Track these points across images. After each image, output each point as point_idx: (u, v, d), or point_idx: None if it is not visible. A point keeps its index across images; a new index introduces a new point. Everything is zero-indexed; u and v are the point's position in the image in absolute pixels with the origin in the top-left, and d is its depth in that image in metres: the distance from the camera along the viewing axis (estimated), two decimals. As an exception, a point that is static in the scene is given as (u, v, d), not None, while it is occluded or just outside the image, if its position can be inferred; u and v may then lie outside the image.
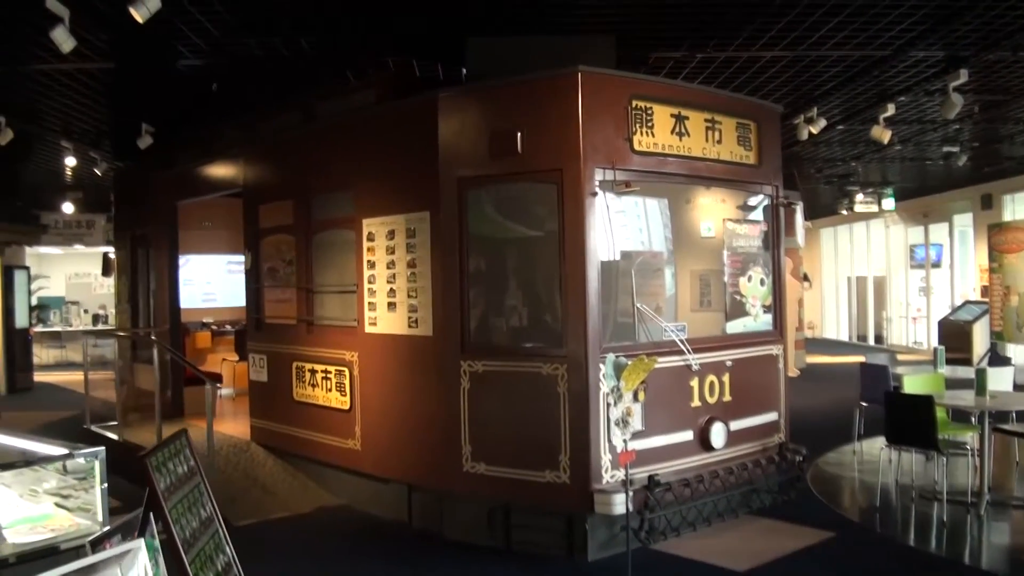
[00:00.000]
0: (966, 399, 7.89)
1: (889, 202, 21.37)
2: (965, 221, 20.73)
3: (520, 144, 6.69)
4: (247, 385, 10.12)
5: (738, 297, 7.91)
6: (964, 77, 9.52)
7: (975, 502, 7.58)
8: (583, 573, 6.39)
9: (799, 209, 8.62)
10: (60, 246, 22.58)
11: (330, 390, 8.48)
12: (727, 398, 7.33)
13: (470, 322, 7.09)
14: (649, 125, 6.89)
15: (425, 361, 7.38)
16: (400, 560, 6.91)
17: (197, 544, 3.55)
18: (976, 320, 16.95)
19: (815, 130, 11.61)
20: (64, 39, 7.09)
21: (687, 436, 7.01)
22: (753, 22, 8.55)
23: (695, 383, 7.09)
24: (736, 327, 7.84)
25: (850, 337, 26.42)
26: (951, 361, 10.59)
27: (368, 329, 7.98)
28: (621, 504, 6.13)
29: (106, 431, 11.09)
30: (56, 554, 3.20)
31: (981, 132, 14.49)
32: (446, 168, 7.11)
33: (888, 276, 24.53)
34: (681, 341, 6.99)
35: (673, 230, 8.07)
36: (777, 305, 8.14)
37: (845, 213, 22.73)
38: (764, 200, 8.14)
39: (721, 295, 7.94)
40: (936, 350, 10.07)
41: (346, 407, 8.26)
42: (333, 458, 8.49)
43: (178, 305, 12.05)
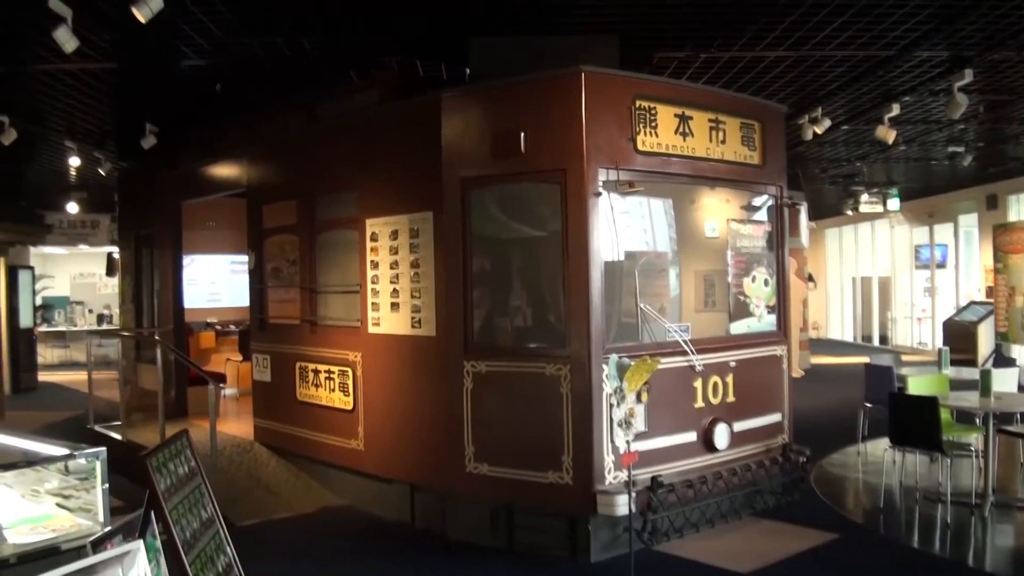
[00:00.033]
0: (970, 400, 7.87)
1: (894, 202, 21.33)
2: (970, 221, 20.67)
3: (523, 144, 6.68)
4: (251, 385, 10.13)
5: (742, 298, 7.89)
6: (969, 77, 9.50)
7: (979, 504, 7.56)
8: (586, 574, 6.38)
9: (803, 209, 8.62)
10: (64, 246, 22.62)
11: (333, 390, 8.47)
12: (731, 399, 7.31)
13: (473, 322, 7.08)
14: (653, 125, 6.87)
15: (428, 361, 7.37)
16: (403, 560, 6.90)
17: (198, 545, 3.54)
18: (981, 321, 16.93)
19: (819, 130, 11.59)
20: (67, 39, 7.09)
21: (690, 437, 6.99)
22: (757, 22, 8.53)
23: (699, 384, 7.07)
24: (740, 328, 7.82)
25: (855, 338, 26.37)
26: (956, 362, 10.55)
27: (371, 329, 7.98)
28: (624, 505, 6.11)
29: (110, 431, 11.10)
30: (57, 554, 3.20)
31: (986, 132, 14.46)
32: (449, 168, 7.11)
33: (893, 277, 24.48)
34: (684, 342, 6.98)
35: (677, 230, 8.05)
36: (781, 306, 8.12)
37: (850, 213, 22.71)
38: (768, 200, 8.12)
39: (725, 296, 7.92)
40: (941, 351, 10.04)
41: (349, 407, 8.26)
42: (336, 458, 8.49)
43: (182, 305, 12.06)
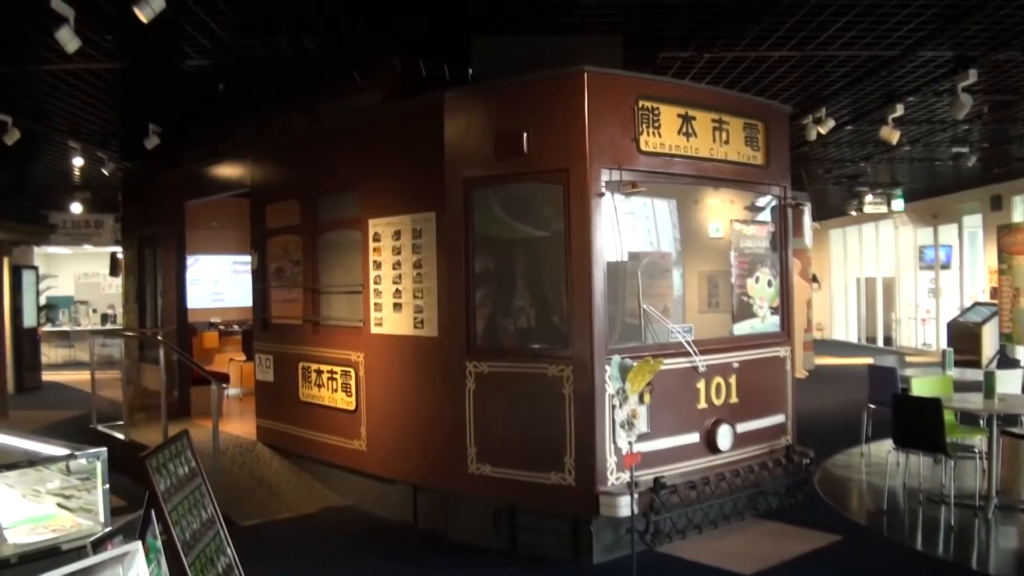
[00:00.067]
0: (974, 402, 7.85)
1: (898, 203, 21.28)
2: (975, 222, 20.62)
3: (526, 144, 6.67)
4: (254, 385, 10.13)
5: (745, 298, 7.87)
6: (973, 77, 9.46)
7: (983, 506, 7.54)
8: (588, 575, 6.37)
9: (807, 210, 8.60)
10: (69, 246, 22.62)
11: (336, 390, 8.47)
12: (734, 400, 7.29)
13: (476, 323, 7.07)
14: (656, 125, 6.86)
15: (431, 362, 7.36)
16: (405, 561, 6.90)
17: (198, 546, 3.54)
18: (985, 322, 16.88)
19: (823, 131, 11.56)
20: (69, 39, 7.09)
21: (693, 438, 6.98)
22: (761, 22, 8.50)
23: (701, 385, 7.06)
24: (743, 328, 7.80)
25: (859, 339, 26.32)
26: (960, 363, 10.52)
27: (374, 330, 7.97)
28: (626, 506, 6.10)
29: (113, 431, 11.12)
30: (58, 555, 3.19)
31: (991, 133, 14.41)
32: (452, 168, 7.10)
33: (897, 277, 24.44)
34: (687, 343, 6.96)
35: (681, 231, 8.03)
36: (784, 307, 8.10)
37: (854, 214, 22.67)
38: (772, 201, 8.10)
39: (729, 296, 7.90)
40: (945, 352, 10.02)
41: (352, 408, 8.25)
42: (339, 459, 8.48)
43: (185, 305, 12.08)
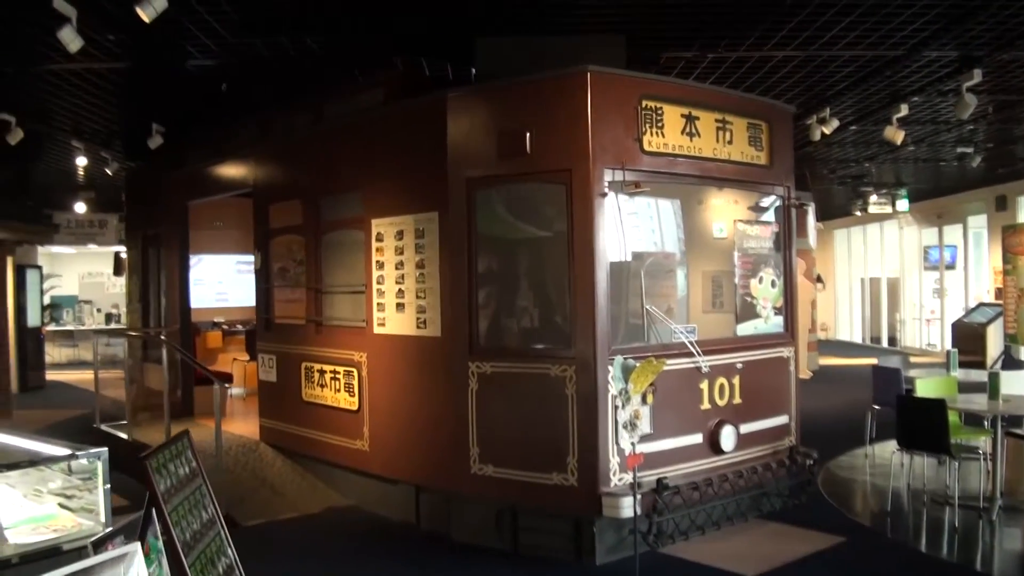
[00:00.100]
0: (979, 403, 7.83)
1: (903, 203, 21.25)
2: (979, 222, 20.58)
3: (529, 144, 6.65)
4: (257, 385, 10.13)
5: (749, 299, 7.84)
6: (978, 77, 9.44)
7: (987, 507, 7.51)
8: (591, 576, 6.37)
9: (811, 210, 8.56)
10: (73, 245, 22.67)
11: (339, 390, 8.47)
12: (737, 401, 7.26)
13: (478, 323, 7.06)
14: (659, 125, 6.84)
15: (433, 362, 7.35)
16: (408, 562, 6.89)
17: (198, 546, 3.53)
18: (990, 322, 16.84)
19: (828, 131, 11.54)
20: (71, 39, 7.09)
21: (696, 439, 6.95)
22: (764, 22, 8.49)
23: (705, 385, 7.03)
24: (747, 329, 7.77)
25: (863, 339, 26.28)
26: (964, 364, 10.51)
27: (377, 330, 7.96)
28: (629, 507, 6.09)
29: (116, 430, 11.13)
30: (59, 555, 3.19)
31: (995, 133, 14.38)
32: (455, 168, 7.08)
33: (902, 278, 24.39)
34: (691, 343, 6.94)
35: (685, 231, 8.02)
36: (788, 307, 8.07)
37: (859, 214, 22.63)
38: (776, 201, 8.07)
39: (732, 297, 7.88)
40: (949, 353, 9.99)
41: (354, 408, 8.25)
42: (341, 459, 8.48)
43: (188, 305, 12.08)
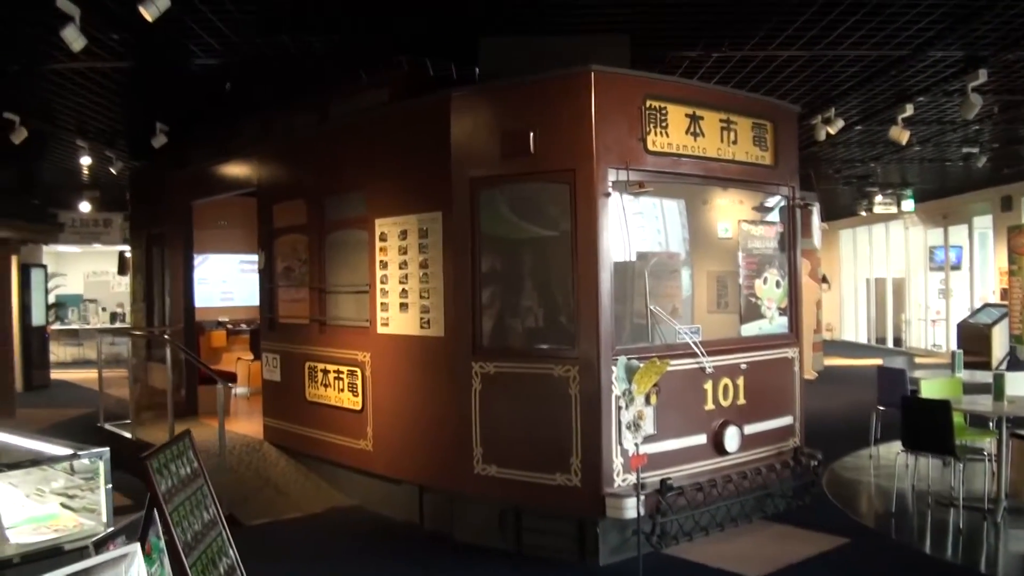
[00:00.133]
0: (984, 404, 7.80)
1: (908, 203, 21.21)
2: (985, 223, 20.52)
3: (533, 144, 6.64)
4: (261, 384, 10.13)
5: (753, 299, 7.82)
6: (983, 77, 9.41)
7: (992, 509, 7.49)
8: (594, 577, 6.35)
9: (816, 210, 8.54)
10: (78, 244, 22.72)
11: (342, 390, 8.46)
12: (741, 401, 7.25)
13: (482, 323, 7.05)
14: (663, 125, 6.83)
15: (437, 362, 7.34)
16: (411, 562, 6.88)
17: (199, 547, 3.52)
18: (995, 323, 16.81)
19: (833, 131, 11.51)
20: (74, 38, 7.09)
21: (700, 440, 6.94)
22: (769, 21, 8.46)
23: (709, 386, 7.02)
24: (751, 330, 7.76)
25: (869, 339, 26.23)
26: (970, 365, 10.46)
27: (380, 329, 7.96)
28: (633, 508, 6.07)
29: (120, 429, 11.14)
30: (60, 555, 3.19)
31: (1001, 133, 14.33)
32: (458, 168, 7.08)
33: (907, 278, 24.34)
34: (695, 344, 6.92)
35: (690, 231, 8.01)
36: (793, 307, 8.05)
37: (864, 214, 22.60)
38: (780, 201, 8.06)
39: (737, 297, 7.86)
40: (954, 354, 9.96)
41: (358, 408, 8.24)
42: (345, 458, 8.47)
43: (193, 304, 12.10)
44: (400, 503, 7.88)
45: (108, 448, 3.46)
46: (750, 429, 7.26)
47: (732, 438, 7.03)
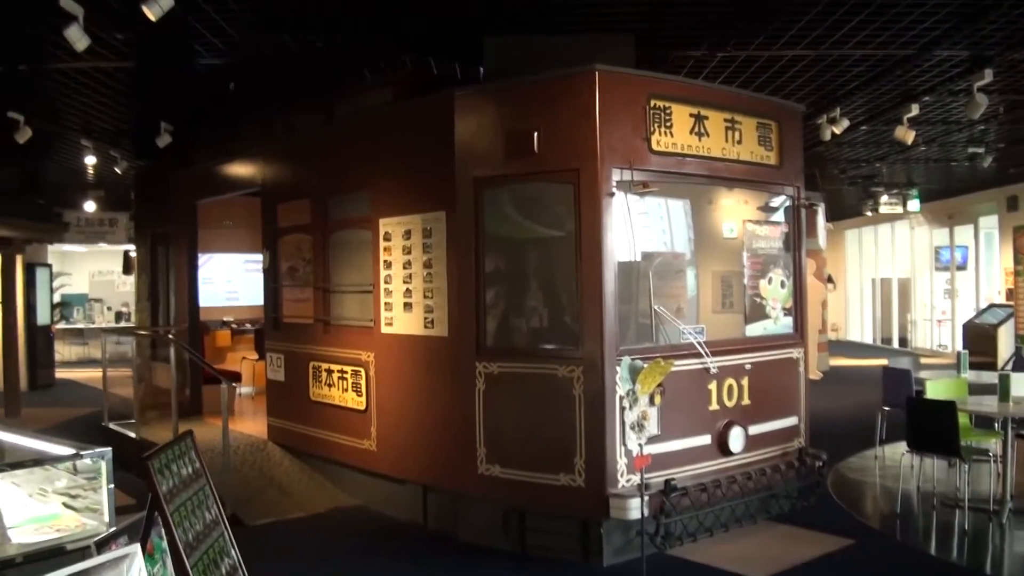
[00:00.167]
0: (989, 405, 7.77)
1: (914, 203, 21.15)
2: (991, 223, 20.48)
3: (537, 144, 6.62)
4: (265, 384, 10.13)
5: (758, 299, 7.80)
6: (989, 77, 9.37)
7: (997, 510, 7.46)
8: (598, 578, 6.34)
9: (820, 211, 8.51)
10: (83, 244, 22.77)
11: (346, 390, 8.46)
12: (746, 402, 7.23)
13: (486, 323, 7.04)
14: (668, 125, 6.81)
15: (441, 362, 7.33)
16: (415, 562, 6.88)
17: (201, 547, 3.51)
18: (1001, 324, 16.73)
19: (838, 130, 11.48)
20: (78, 37, 7.09)
21: (705, 440, 6.92)
22: (774, 21, 8.45)
23: (713, 386, 7.00)
24: (756, 330, 7.74)
25: (874, 339, 26.19)
26: (975, 365, 10.43)
27: (384, 329, 7.95)
28: (637, 509, 6.06)
29: (124, 429, 11.15)
30: (63, 554, 3.18)
31: (1007, 133, 14.30)
32: (462, 168, 7.07)
33: (913, 278, 24.30)
34: (699, 344, 6.91)
35: (694, 231, 7.99)
36: (797, 308, 8.03)
37: (870, 214, 22.53)
38: (785, 201, 8.03)
39: (741, 297, 7.84)
40: (960, 354, 9.92)
41: (362, 407, 8.24)
42: (349, 458, 8.47)
43: (197, 304, 12.11)
44: (404, 503, 7.88)
45: (110, 448, 3.46)
46: (755, 430, 7.23)
47: (736, 439, 7.02)
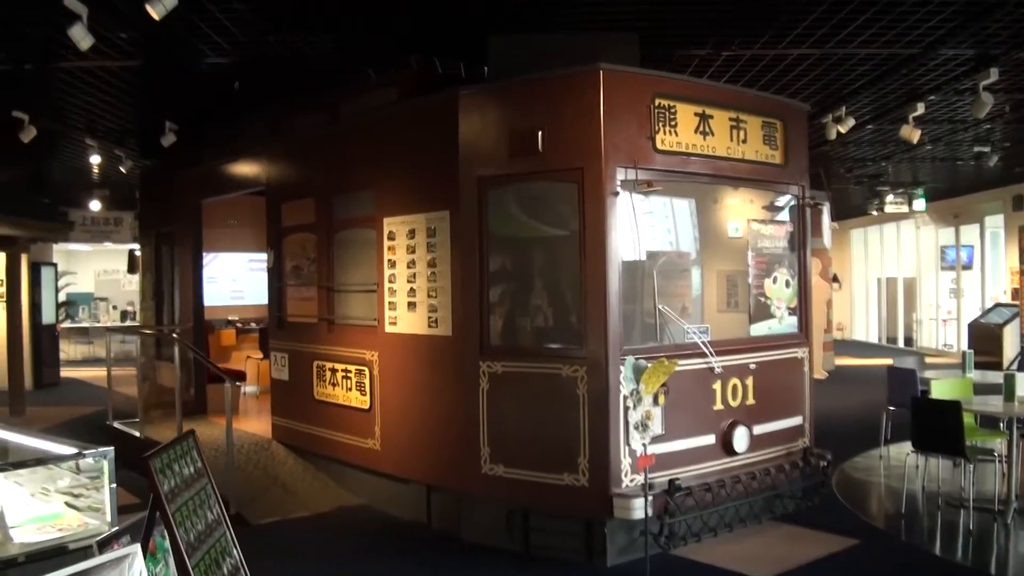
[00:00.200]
0: (994, 405, 7.74)
1: (920, 203, 21.10)
2: (996, 222, 20.42)
3: (541, 143, 6.61)
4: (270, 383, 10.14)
5: (763, 299, 7.78)
6: (995, 76, 9.35)
7: (1002, 510, 7.44)
8: (601, 578, 6.32)
9: (826, 210, 8.47)
10: (88, 243, 22.81)
11: (350, 389, 8.45)
12: (750, 401, 7.21)
13: (490, 322, 7.03)
14: (672, 124, 6.79)
15: (444, 361, 7.33)
16: (419, 562, 6.87)
17: (203, 547, 3.51)
18: (1007, 323, 16.69)
19: (843, 129, 11.45)
20: (82, 37, 7.09)
21: (709, 440, 6.90)
22: (779, 19, 8.43)
23: (717, 386, 6.98)
24: (760, 329, 7.72)
25: (880, 339, 26.14)
26: (981, 365, 10.40)
27: (388, 329, 7.95)
28: (640, 509, 6.05)
29: (129, 428, 11.17)
30: (64, 554, 3.18)
31: (1012, 132, 14.24)
32: (466, 167, 7.06)
33: (918, 278, 24.24)
34: (703, 343, 6.89)
35: (699, 230, 7.97)
36: (802, 307, 8.01)
37: (875, 214, 22.48)
38: (790, 200, 8.01)
39: (746, 297, 7.82)
40: (965, 354, 9.89)
41: (366, 407, 8.23)
42: (353, 457, 8.47)
43: (202, 303, 12.12)
44: (408, 502, 7.87)
45: (112, 447, 3.46)
46: (759, 429, 7.22)
47: (741, 438, 7.00)
